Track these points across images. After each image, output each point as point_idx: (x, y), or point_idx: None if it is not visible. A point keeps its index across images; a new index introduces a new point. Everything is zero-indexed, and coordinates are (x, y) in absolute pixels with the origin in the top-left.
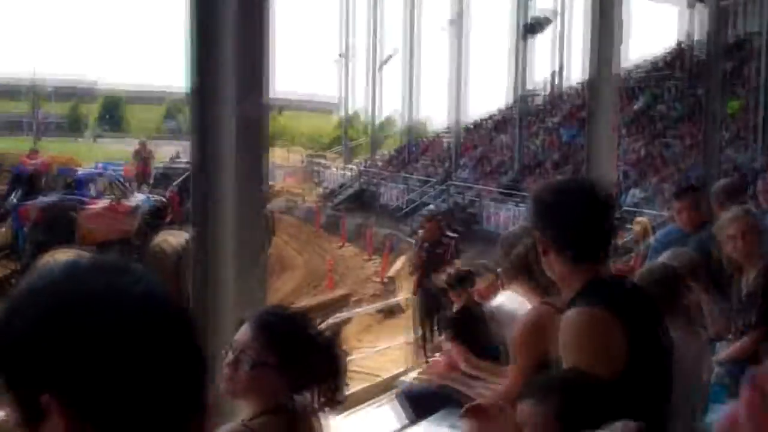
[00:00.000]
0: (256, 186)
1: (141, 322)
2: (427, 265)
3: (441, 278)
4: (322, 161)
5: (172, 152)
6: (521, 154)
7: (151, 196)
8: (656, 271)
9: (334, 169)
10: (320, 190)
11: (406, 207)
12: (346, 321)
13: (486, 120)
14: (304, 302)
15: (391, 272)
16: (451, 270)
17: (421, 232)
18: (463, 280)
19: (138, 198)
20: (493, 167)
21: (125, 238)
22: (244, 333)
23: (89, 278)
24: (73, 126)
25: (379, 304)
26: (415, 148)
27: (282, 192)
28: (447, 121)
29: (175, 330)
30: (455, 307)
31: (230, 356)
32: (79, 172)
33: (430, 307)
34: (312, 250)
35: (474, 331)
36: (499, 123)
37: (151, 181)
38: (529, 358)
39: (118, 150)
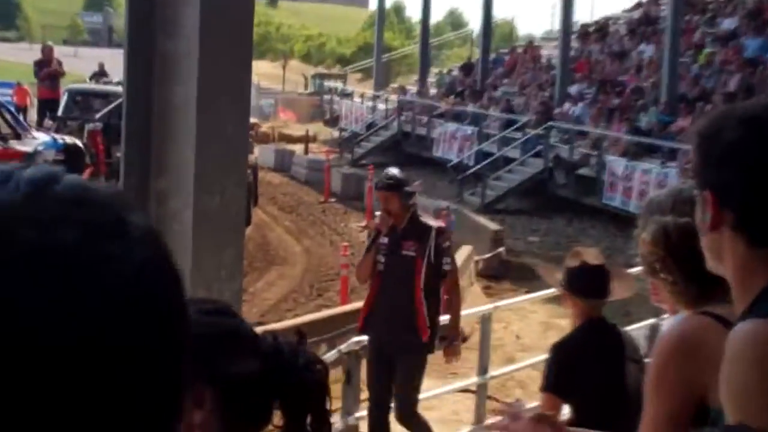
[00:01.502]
0: (235, 119)
1: (127, 317)
2: (384, 280)
3: (555, 276)
4: (339, 85)
5: (95, 65)
6: (673, 78)
7: (59, 136)
8: None
9: (358, 100)
10: (334, 133)
11: (475, 164)
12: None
13: (615, 20)
14: (299, 318)
15: None
16: (574, 262)
17: (378, 216)
18: (592, 281)
19: (38, 140)
20: (625, 100)
21: None
22: None
23: (27, 231)
24: None
25: None
26: (494, 66)
27: (271, 135)
28: (549, 22)
29: (174, 331)
30: (573, 326)
31: None
32: None
33: (381, 369)
34: (318, 231)
35: (593, 372)
36: (638, 25)
37: (61, 113)
38: (670, 401)
39: (8, 61)
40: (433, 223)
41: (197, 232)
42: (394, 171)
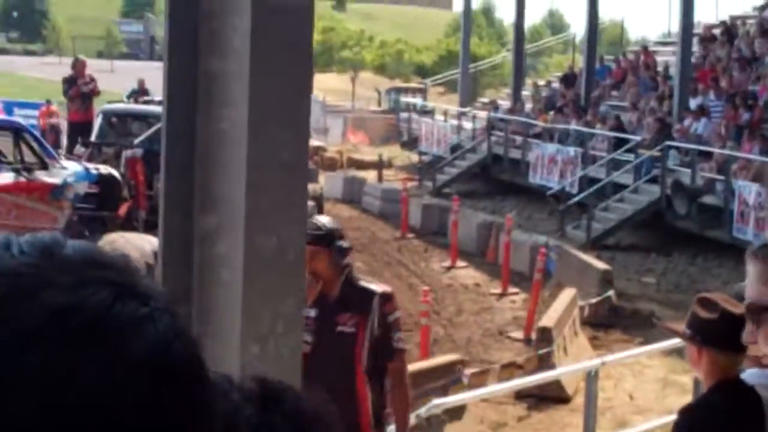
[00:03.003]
0: (292, 146)
1: (154, 384)
2: (312, 366)
3: (679, 328)
4: (417, 101)
5: (134, 82)
6: None
7: (92, 165)
8: None
9: (441, 118)
10: (413, 157)
11: (580, 192)
12: (455, 413)
13: (744, 20)
14: None
15: (546, 320)
16: (711, 313)
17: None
18: (735, 332)
19: (68, 170)
20: (757, 114)
21: None
22: None
23: (52, 293)
24: None
25: (521, 382)
26: (601, 76)
27: (339, 160)
28: (666, 23)
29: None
30: (705, 387)
31: None
32: None
33: None
34: (393, 273)
35: None
36: None
37: (94, 137)
38: None
39: (35, 77)
40: (376, 287)
41: (249, 279)
42: (322, 219)
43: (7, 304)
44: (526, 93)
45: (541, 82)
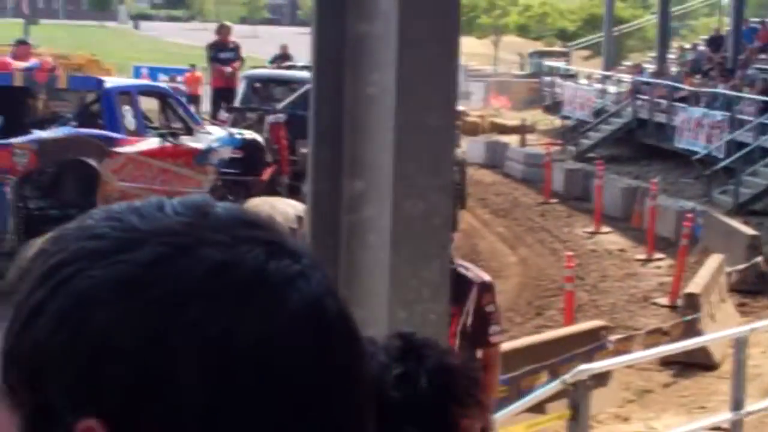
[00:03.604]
0: (439, 110)
1: (308, 341)
2: None
3: None
4: (560, 65)
5: (276, 47)
6: None
7: (236, 130)
8: None
9: (584, 81)
10: (556, 121)
11: (727, 156)
12: (600, 379)
13: None
14: (514, 341)
15: (693, 286)
16: None
17: None
18: None
19: (212, 135)
20: None
21: None
22: None
23: (208, 250)
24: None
25: (667, 348)
26: (748, 38)
27: (481, 125)
28: None
29: (336, 369)
30: None
31: None
32: (107, 85)
33: None
34: (536, 238)
35: None
36: None
37: (238, 104)
38: None
39: (179, 43)
40: (474, 276)
41: (396, 244)
42: None
43: (165, 262)
44: (671, 56)
45: (687, 45)
